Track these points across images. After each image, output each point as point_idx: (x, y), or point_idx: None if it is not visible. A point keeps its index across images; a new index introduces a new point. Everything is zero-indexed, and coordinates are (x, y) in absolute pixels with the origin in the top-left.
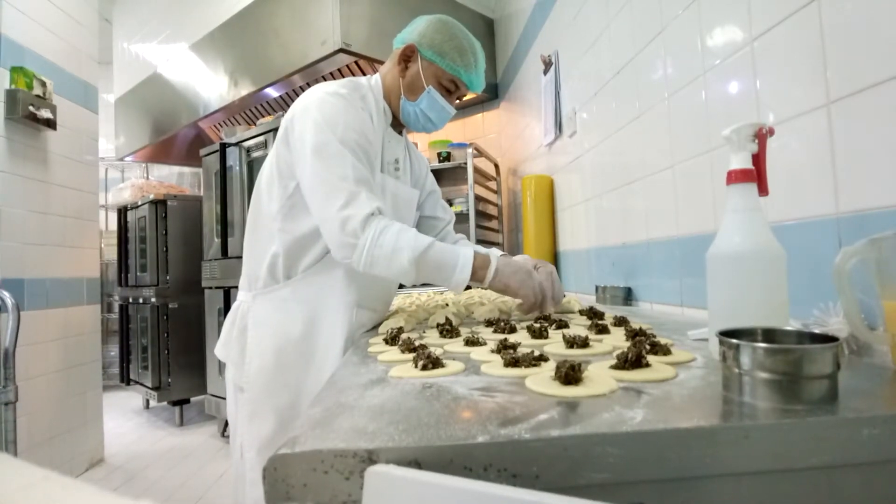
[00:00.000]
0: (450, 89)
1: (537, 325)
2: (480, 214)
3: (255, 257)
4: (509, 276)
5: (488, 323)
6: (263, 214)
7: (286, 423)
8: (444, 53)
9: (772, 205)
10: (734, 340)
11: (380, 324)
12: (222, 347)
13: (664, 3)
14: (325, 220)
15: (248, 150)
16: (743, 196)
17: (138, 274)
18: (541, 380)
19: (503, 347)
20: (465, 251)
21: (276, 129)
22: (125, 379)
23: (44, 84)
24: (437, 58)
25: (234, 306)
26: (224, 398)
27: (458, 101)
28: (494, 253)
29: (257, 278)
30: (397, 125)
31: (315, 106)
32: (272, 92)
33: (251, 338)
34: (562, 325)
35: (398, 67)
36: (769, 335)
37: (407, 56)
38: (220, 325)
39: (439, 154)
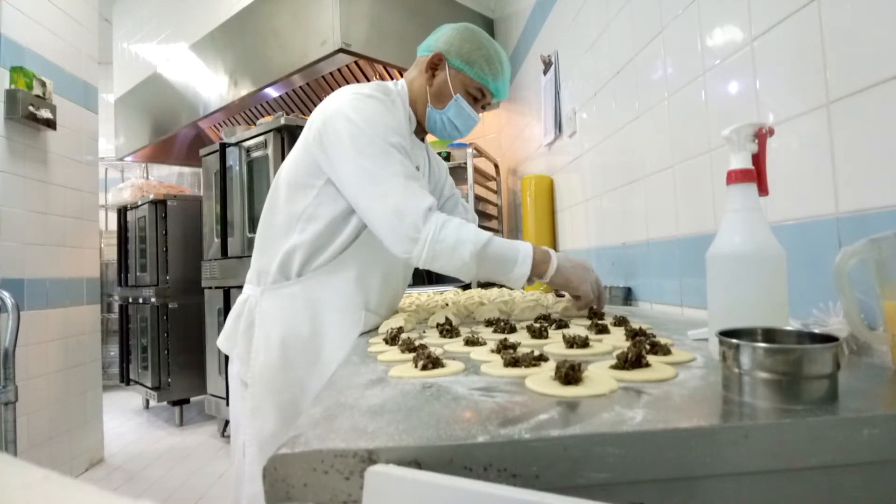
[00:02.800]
0: (476, 97)
1: (537, 325)
2: (480, 214)
3: (268, 253)
4: (570, 272)
5: (488, 323)
6: (281, 212)
7: (288, 420)
8: (472, 62)
9: (772, 205)
10: (734, 340)
11: (380, 324)
12: (226, 340)
13: (664, 3)
14: (381, 216)
15: (248, 150)
16: (743, 196)
17: (138, 274)
18: (541, 380)
19: (503, 347)
20: (524, 245)
21: (276, 129)
22: (125, 379)
23: (44, 84)
24: (465, 66)
25: (239, 299)
26: (223, 398)
27: (483, 109)
28: (550, 250)
29: (267, 274)
30: (419, 132)
31: (351, 107)
32: (272, 92)
33: (258, 333)
34: (562, 325)
35: (425, 75)
36: (769, 335)
37: (434, 64)
38: (220, 325)
39: (439, 154)
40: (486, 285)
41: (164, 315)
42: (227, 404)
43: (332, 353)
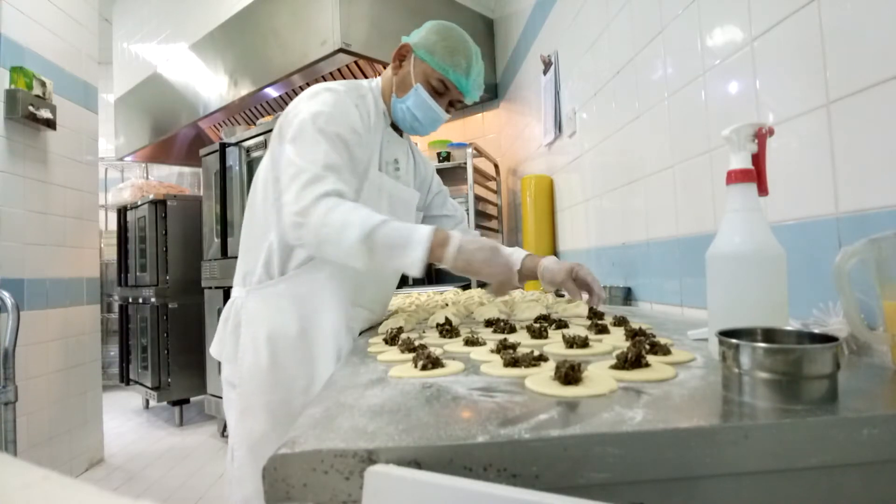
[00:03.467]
0: (438, 90)
1: (537, 325)
2: (480, 214)
3: (251, 252)
4: (472, 254)
5: (488, 323)
6: (259, 210)
7: (278, 421)
8: (434, 52)
9: (772, 205)
10: (734, 340)
11: (379, 324)
12: (217, 345)
13: (664, 3)
14: (284, 203)
15: (248, 150)
16: (743, 196)
17: (138, 274)
18: (540, 380)
19: (503, 347)
20: (422, 229)
21: None
22: (125, 379)
23: (44, 84)
24: (427, 56)
25: (228, 303)
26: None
27: (452, 108)
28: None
29: (252, 273)
30: (398, 128)
31: (305, 100)
32: (272, 92)
33: (245, 333)
34: (561, 325)
35: (392, 65)
36: (769, 335)
37: (402, 55)
38: None
39: (439, 154)
40: (486, 285)
41: (164, 315)
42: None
43: (322, 350)
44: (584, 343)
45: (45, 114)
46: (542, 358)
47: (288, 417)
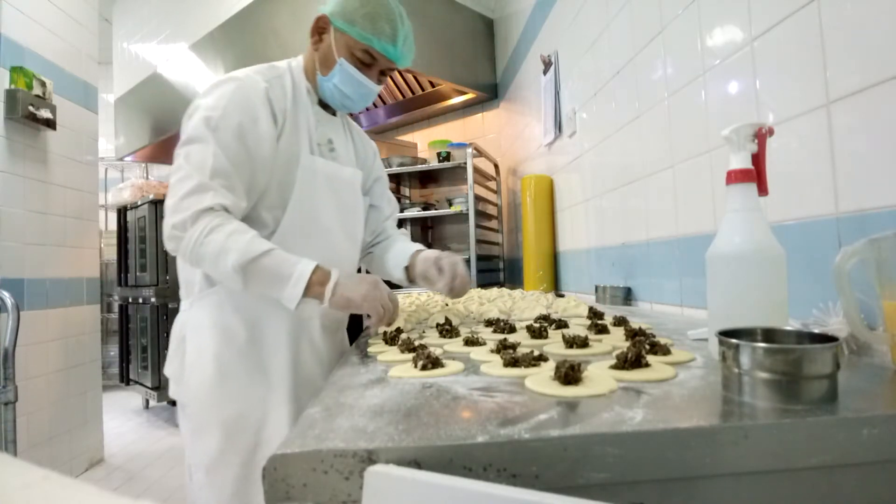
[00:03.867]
0: (365, 61)
1: (537, 325)
2: (480, 214)
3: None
4: (351, 290)
5: (488, 323)
6: None
7: (234, 437)
8: (354, 21)
9: (772, 205)
10: (734, 340)
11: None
12: (168, 364)
13: (664, 3)
14: (165, 209)
15: None
16: (743, 196)
17: (138, 274)
18: (540, 380)
19: (503, 347)
20: (303, 265)
21: None
22: (125, 379)
23: (43, 84)
24: (347, 27)
25: (176, 318)
26: None
27: (384, 77)
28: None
29: (193, 283)
30: (329, 105)
31: (205, 92)
32: None
33: (190, 348)
34: (561, 324)
35: (311, 41)
36: (769, 335)
37: (320, 28)
38: None
39: (439, 154)
40: (485, 285)
41: (164, 315)
42: None
43: (274, 356)
44: (584, 343)
45: (45, 114)
46: (542, 358)
47: (246, 432)
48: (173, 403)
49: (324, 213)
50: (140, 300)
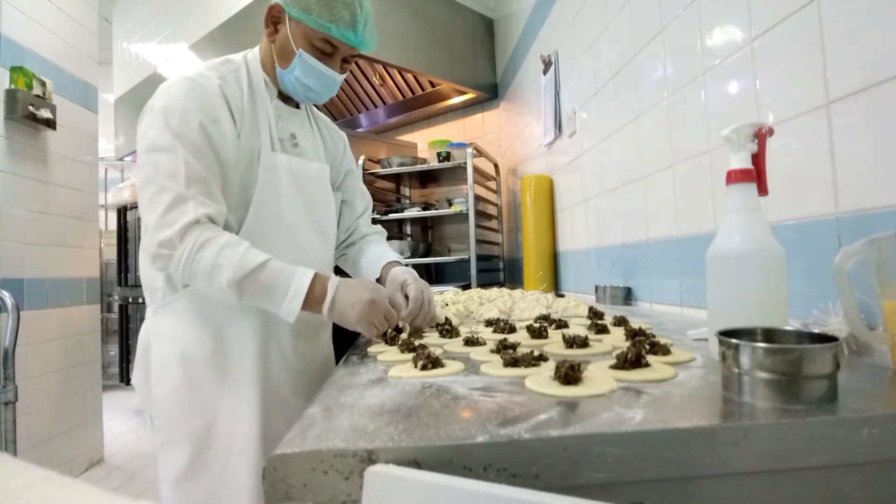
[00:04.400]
0: (325, 51)
1: (537, 325)
2: (480, 214)
3: (150, 267)
4: (348, 308)
5: (488, 323)
6: None
7: (203, 450)
8: (309, 9)
9: (772, 205)
10: (734, 340)
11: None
12: (134, 373)
13: (664, 3)
14: (145, 227)
15: None
16: (743, 196)
17: (138, 274)
18: (540, 380)
19: (503, 347)
20: (301, 277)
21: None
22: (125, 379)
23: (43, 84)
24: (303, 15)
25: (142, 326)
26: None
27: (347, 65)
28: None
29: (156, 290)
30: (291, 98)
31: (159, 94)
32: None
33: (155, 357)
34: (561, 324)
35: (266, 32)
36: (769, 335)
37: (274, 18)
38: None
39: (439, 154)
40: (485, 285)
41: None
42: None
43: (240, 362)
44: (583, 343)
45: (45, 114)
46: (541, 358)
47: (212, 447)
48: None
49: (289, 212)
50: (140, 300)
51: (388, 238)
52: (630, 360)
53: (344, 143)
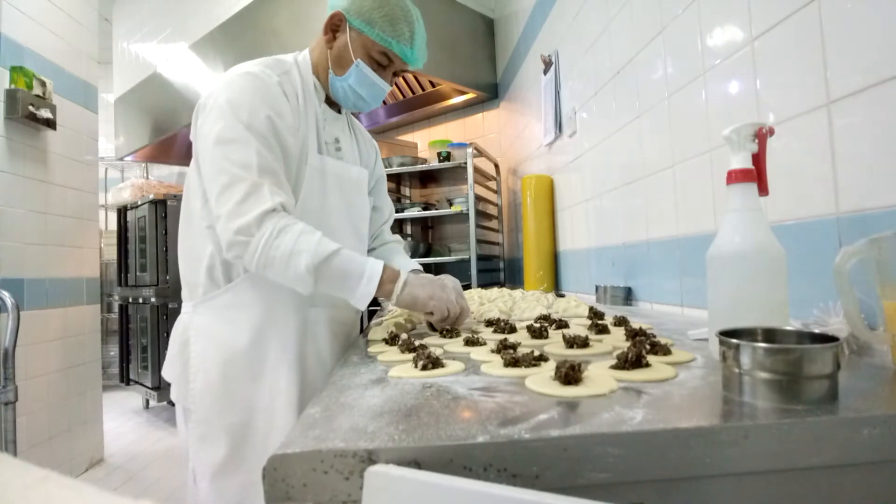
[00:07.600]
0: (381, 63)
1: (537, 325)
2: (480, 214)
3: (191, 262)
4: (418, 288)
5: (488, 323)
6: (193, 214)
7: (240, 445)
8: (373, 22)
9: (772, 205)
10: (734, 340)
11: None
12: (168, 366)
13: (664, 3)
14: (219, 216)
15: None
16: (743, 196)
17: (138, 274)
18: (541, 380)
19: (503, 347)
20: (373, 263)
21: None
22: (125, 379)
23: (43, 84)
24: (365, 27)
25: (177, 321)
26: None
27: (395, 78)
28: (406, 267)
29: (197, 285)
30: (335, 103)
31: (221, 89)
32: None
33: (194, 352)
34: (562, 325)
35: (325, 38)
36: (769, 335)
37: (335, 25)
38: None
39: (439, 154)
40: (486, 285)
41: (164, 315)
42: None
43: (280, 361)
44: (584, 343)
45: (45, 113)
46: (542, 358)
47: (249, 442)
48: (173, 404)
49: (333, 215)
50: (140, 300)
51: None
52: (630, 361)
53: (376, 151)
